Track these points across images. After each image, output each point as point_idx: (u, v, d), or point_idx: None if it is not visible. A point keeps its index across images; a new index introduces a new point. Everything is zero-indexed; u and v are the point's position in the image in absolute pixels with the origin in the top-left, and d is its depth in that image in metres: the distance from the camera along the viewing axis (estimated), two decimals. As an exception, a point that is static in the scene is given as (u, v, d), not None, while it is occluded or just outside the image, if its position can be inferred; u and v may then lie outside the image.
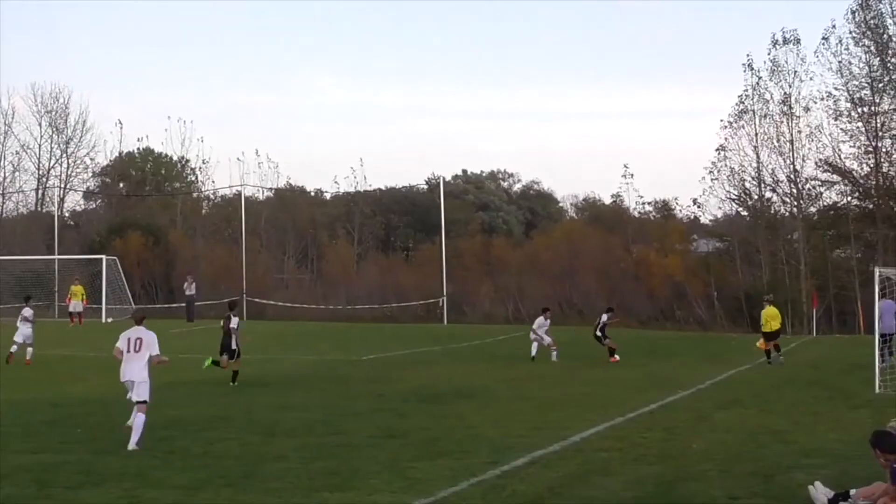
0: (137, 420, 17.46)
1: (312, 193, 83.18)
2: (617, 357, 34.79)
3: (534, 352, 35.22)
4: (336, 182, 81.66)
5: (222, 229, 76.24)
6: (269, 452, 16.35)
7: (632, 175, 70.78)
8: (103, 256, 62.39)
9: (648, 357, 35.73)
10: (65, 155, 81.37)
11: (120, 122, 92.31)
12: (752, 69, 61.51)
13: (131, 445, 17.06)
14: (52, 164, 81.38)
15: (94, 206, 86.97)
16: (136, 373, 17.79)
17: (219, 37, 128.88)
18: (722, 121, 63.33)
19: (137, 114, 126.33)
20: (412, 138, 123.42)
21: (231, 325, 27.55)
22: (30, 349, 34.16)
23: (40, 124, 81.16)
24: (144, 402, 17.68)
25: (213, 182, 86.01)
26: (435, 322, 61.13)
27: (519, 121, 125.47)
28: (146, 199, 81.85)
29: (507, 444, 17.14)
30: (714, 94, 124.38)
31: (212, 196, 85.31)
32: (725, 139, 62.53)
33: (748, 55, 62.02)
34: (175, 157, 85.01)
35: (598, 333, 35.84)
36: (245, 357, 28.67)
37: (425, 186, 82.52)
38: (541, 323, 35.94)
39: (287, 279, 72.28)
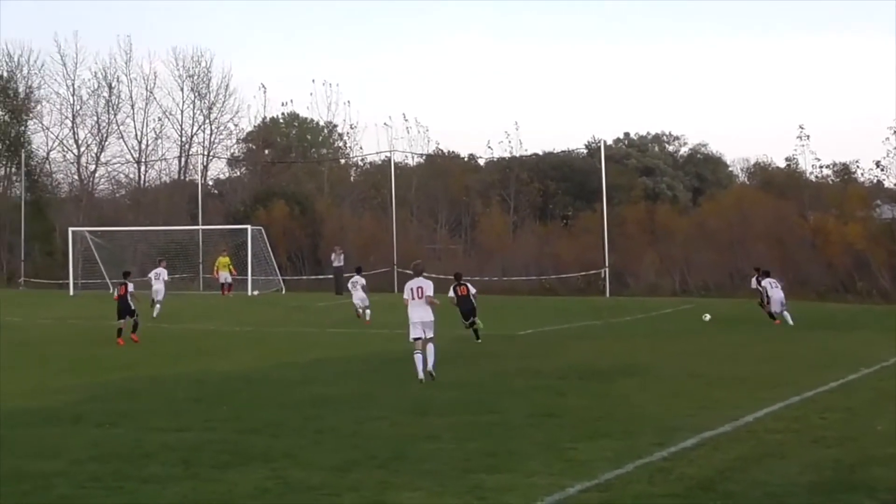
0: (429, 349, 22.95)
1: (465, 159, 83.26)
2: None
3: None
4: (490, 147, 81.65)
5: (371, 197, 76.51)
6: (421, 432, 16.47)
7: (808, 136, 69.42)
8: (248, 226, 62.94)
9: (827, 331, 35.11)
10: (207, 121, 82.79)
11: (263, 87, 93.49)
12: (943, 18, 59.93)
13: (429, 367, 22.86)
14: (194, 131, 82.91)
15: (237, 174, 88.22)
16: (424, 315, 23.04)
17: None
18: (909, 76, 61.82)
19: (281, 78, 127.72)
20: (571, 99, 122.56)
21: (472, 291, 31.40)
22: (367, 311, 39.59)
23: (182, 89, 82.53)
24: (432, 338, 23.06)
25: (361, 148, 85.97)
26: (596, 294, 60.83)
27: (684, 79, 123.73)
28: (291, 167, 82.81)
29: (673, 424, 17.03)
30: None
31: (360, 162, 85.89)
32: (913, 95, 61.06)
33: (939, 3, 60.36)
34: (321, 123, 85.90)
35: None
36: (396, 331, 28.93)
37: (585, 150, 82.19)
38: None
39: (439, 249, 72.25)
